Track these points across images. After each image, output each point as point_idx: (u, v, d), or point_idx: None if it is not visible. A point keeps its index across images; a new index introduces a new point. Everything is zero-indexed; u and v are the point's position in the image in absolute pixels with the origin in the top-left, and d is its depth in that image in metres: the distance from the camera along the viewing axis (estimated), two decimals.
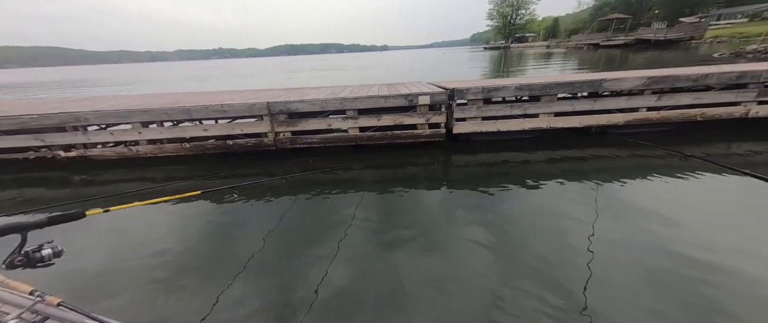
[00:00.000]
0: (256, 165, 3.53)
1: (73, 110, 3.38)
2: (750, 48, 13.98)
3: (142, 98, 4.73)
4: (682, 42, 25.40)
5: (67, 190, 3.20)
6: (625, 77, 3.35)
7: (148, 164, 3.60)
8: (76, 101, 4.45)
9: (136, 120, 3.39)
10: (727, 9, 40.06)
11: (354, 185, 2.89)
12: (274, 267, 1.84)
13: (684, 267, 1.63)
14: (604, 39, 32.95)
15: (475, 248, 1.89)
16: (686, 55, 15.92)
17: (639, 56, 17.88)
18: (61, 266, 0.98)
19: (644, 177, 2.66)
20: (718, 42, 22.22)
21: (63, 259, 0.96)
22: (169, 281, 1.78)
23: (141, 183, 3.19)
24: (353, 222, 2.24)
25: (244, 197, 2.74)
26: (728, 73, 3.29)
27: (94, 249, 2.14)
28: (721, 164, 2.63)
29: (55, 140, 3.46)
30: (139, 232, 2.33)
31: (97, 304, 1.64)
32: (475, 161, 3.41)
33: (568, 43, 43.32)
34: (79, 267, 1.92)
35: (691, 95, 3.39)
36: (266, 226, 2.27)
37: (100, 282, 1.81)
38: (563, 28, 68.31)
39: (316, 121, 3.59)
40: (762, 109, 3.41)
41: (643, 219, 2.07)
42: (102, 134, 3.56)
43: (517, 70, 14.44)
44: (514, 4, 61.80)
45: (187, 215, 2.56)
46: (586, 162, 3.12)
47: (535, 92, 3.48)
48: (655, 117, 3.47)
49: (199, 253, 2.05)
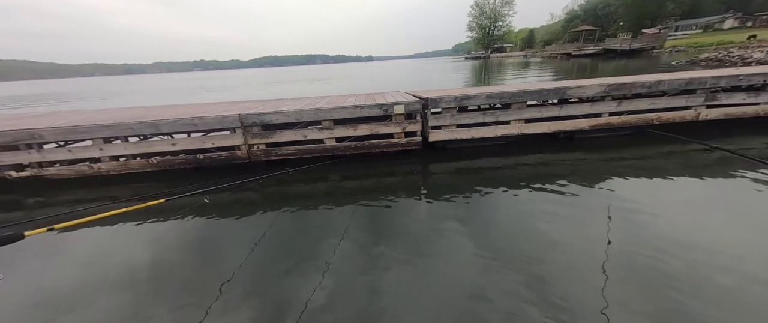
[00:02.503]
0: (230, 179, 3.43)
1: (27, 127, 3.18)
2: (703, 56, 15.24)
3: (108, 112, 4.52)
4: (645, 51, 27.35)
5: (18, 213, 2.97)
6: (587, 85, 3.54)
7: (112, 181, 3.42)
8: (34, 117, 4.19)
9: (97, 136, 3.22)
10: (683, 21, 43.69)
11: (333, 196, 2.86)
12: (250, 284, 1.76)
13: (663, 259, 1.72)
14: (575, 49, 34.94)
15: (459, 253, 1.90)
16: (649, 63, 17.12)
17: (607, 65, 19.04)
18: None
19: (612, 177, 2.80)
20: (676, 51, 24.08)
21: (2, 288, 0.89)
22: (129, 308, 1.65)
23: (103, 202, 3.01)
24: (333, 233, 2.20)
25: (214, 211, 2.64)
26: (678, 79, 3.55)
27: (38, 274, 1.95)
28: (740, 153, 2.84)
29: (6, 159, 3.22)
30: (92, 251, 2.15)
31: None
32: (452, 168, 3.46)
33: (543, 53, 45.61)
34: (20, 296, 1.76)
35: (647, 100, 3.62)
36: (240, 241, 2.19)
37: (45, 311, 1.66)
38: (538, 39, 72.03)
39: (292, 132, 3.54)
40: (711, 112, 3.68)
41: (620, 217, 2.17)
42: (59, 151, 3.36)
43: (499, 80, 14.94)
44: (492, 16, 64.69)
45: (151, 230, 2.42)
46: (557, 165, 3.23)
47: (506, 100, 3.60)
48: (616, 122, 3.67)
49: (166, 275, 1.91)
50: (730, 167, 2.83)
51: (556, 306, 1.46)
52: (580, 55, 32.14)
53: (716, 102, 3.67)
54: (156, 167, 3.48)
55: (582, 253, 1.83)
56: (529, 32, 79.69)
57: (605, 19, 54.10)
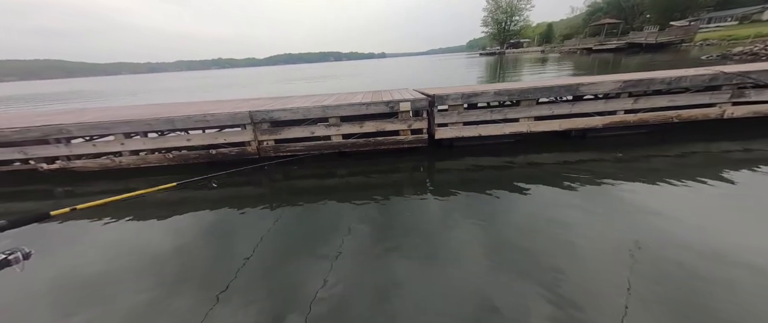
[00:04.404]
0: (240, 173, 3.56)
1: (55, 123, 3.41)
2: (736, 50, 14.20)
3: (129, 108, 4.77)
4: (673, 45, 25.79)
5: (50, 202, 3.21)
6: (601, 81, 3.40)
7: (132, 174, 3.62)
8: (61, 114, 4.48)
9: (118, 131, 3.42)
10: (717, 12, 40.81)
11: (339, 192, 2.90)
12: (257, 275, 1.82)
13: (685, 262, 1.66)
14: (596, 43, 33.43)
15: (467, 253, 1.88)
16: (676, 58, 16.12)
17: (631, 60, 18.08)
18: (30, 272, 1.00)
19: (627, 177, 2.69)
20: (707, 44, 22.57)
21: (33, 265, 0.99)
22: (144, 289, 1.77)
23: (123, 192, 3.19)
24: (340, 229, 2.23)
25: (223, 202, 2.78)
26: (702, 75, 3.35)
27: (65, 252, 2.17)
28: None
29: (38, 152, 3.48)
30: (112, 230, 2.40)
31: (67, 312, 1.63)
32: (459, 166, 3.42)
33: (561, 48, 43.91)
34: (50, 271, 1.93)
35: (666, 97, 3.44)
36: (247, 234, 2.28)
37: (71, 286, 1.81)
38: (557, 33, 69.36)
39: (300, 129, 3.62)
40: (737, 110, 3.46)
41: (635, 219, 2.09)
42: (85, 145, 3.58)
43: (515, 77, 14.53)
44: (508, 10, 62.87)
45: (162, 213, 2.63)
46: (568, 165, 3.13)
47: (515, 97, 3.52)
48: (632, 119, 3.51)
49: (176, 260, 2.04)
50: (758, 167, 2.66)
51: (571, 314, 1.40)
52: (601, 50, 30.70)
53: (744, 99, 3.44)
54: (172, 161, 3.65)
55: (599, 256, 1.76)
56: (548, 27, 76.87)
57: (630, 12, 51.37)
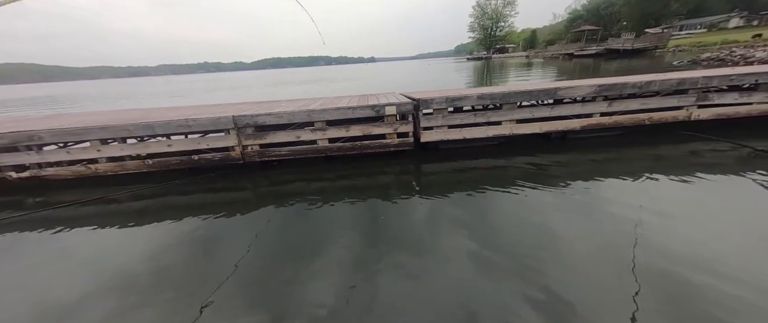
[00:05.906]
0: (224, 179, 3.50)
1: (26, 129, 3.26)
2: (704, 56, 15.09)
3: (106, 114, 4.62)
4: (648, 51, 27.13)
5: (21, 213, 3.05)
6: (577, 86, 3.55)
7: (108, 182, 3.48)
8: (35, 120, 4.29)
9: (94, 137, 3.30)
10: (688, 20, 43.30)
11: (326, 196, 2.89)
12: (243, 284, 1.78)
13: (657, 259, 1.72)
14: (577, 49, 34.75)
15: (453, 255, 1.89)
16: (651, 63, 16.96)
17: (610, 65, 18.89)
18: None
19: (605, 177, 2.81)
20: (679, 50, 23.86)
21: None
22: (120, 304, 1.70)
23: (100, 202, 3.07)
24: (327, 234, 2.22)
25: (208, 210, 2.72)
26: (670, 79, 3.54)
27: (29, 263, 2.05)
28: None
29: (6, 160, 3.31)
30: (86, 240, 2.31)
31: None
32: (445, 168, 3.48)
33: (545, 53, 45.39)
34: (12, 286, 1.83)
35: (639, 100, 3.62)
36: (233, 241, 2.23)
37: (36, 304, 1.72)
38: (541, 39, 71.74)
39: (285, 133, 3.59)
40: (703, 112, 3.67)
41: (614, 218, 2.17)
42: (58, 153, 3.44)
43: (501, 80, 14.88)
44: (494, 17, 64.62)
45: (143, 223, 2.55)
46: (549, 166, 3.23)
47: (497, 101, 3.62)
48: (607, 122, 3.67)
49: (158, 272, 1.96)
50: (724, 164, 2.84)
51: (556, 311, 1.44)
52: (582, 56, 31.95)
53: (708, 102, 3.66)
54: (152, 167, 3.55)
55: (582, 254, 1.81)
56: (532, 33, 79.44)
57: (608, 19, 53.81)
